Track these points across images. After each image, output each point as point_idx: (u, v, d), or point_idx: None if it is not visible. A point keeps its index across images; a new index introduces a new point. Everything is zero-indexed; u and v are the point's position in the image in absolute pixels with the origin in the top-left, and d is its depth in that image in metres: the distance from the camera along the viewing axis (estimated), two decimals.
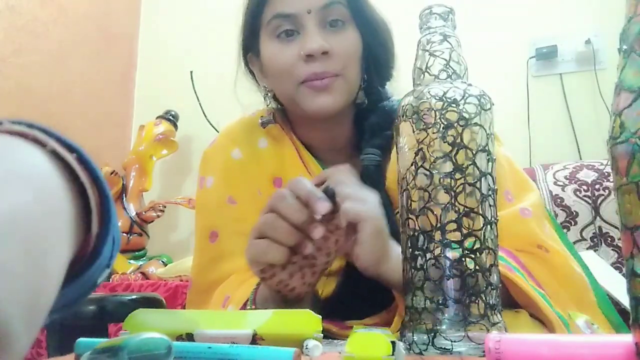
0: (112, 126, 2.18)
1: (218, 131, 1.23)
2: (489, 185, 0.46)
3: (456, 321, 0.42)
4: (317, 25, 0.70)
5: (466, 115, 0.45)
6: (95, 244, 0.27)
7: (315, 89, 0.70)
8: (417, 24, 0.52)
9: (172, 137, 2.04)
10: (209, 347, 0.34)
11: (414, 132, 0.46)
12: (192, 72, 2.08)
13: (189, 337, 0.40)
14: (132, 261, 1.86)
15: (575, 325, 0.60)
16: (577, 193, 1.24)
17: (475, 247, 0.44)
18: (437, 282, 0.43)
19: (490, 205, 0.45)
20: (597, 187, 1.23)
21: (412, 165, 0.46)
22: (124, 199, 1.94)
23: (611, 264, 1.13)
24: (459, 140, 0.44)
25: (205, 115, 2.02)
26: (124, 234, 1.87)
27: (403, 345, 0.37)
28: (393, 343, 0.33)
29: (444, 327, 0.42)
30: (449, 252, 0.44)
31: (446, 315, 0.43)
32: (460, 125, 0.44)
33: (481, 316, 0.42)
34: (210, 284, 0.75)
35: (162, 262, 1.85)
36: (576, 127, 1.72)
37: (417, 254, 0.45)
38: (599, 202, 1.22)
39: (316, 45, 0.68)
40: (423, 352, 0.42)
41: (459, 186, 0.44)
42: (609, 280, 0.87)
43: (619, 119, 0.29)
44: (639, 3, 0.29)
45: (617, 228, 1.16)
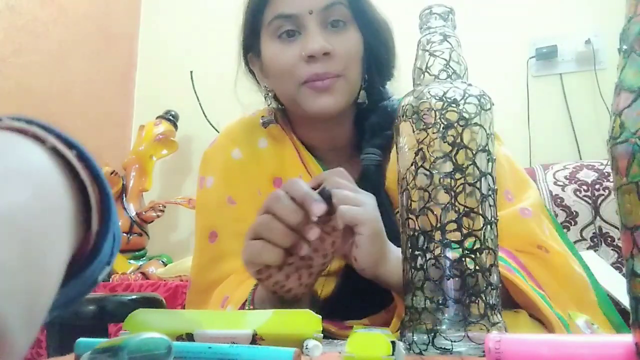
0: (112, 126, 2.18)
1: (218, 131, 1.23)
2: (489, 185, 0.46)
3: (456, 321, 0.42)
4: (318, 26, 0.70)
5: (466, 115, 0.45)
6: (95, 242, 0.27)
7: (316, 89, 0.70)
8: (417, 24, 0.52)
9: (172, 137, 2.04)
10: (209, 347, 0.34)
11: (414, 132, 0.46)
12: (192, 72, 2.08)
13: (189, 337, 0.40)
14: (132, 261, 1.86)
15: (575, 325, 0.60)
16: (577, 193, 1.24)
17: (475, 247, 0.44)
18: (437, 282, 0.43)
19: (490, 205, 0.45)
20: (597, 187, 1.23)
21: (412, 165, 0.46)
22: (124, 199, 1.94)
23: (611, 264, 1.13)
24: (459, 140, 0.44)
25: (205, 115, 2.02)
26: (124, 234, 1.87)
27: (403, 345, 0.37)
28: (393, 343, 0.33)
29: (444, 327, 0.42)
30: (449, 252, 0.44)
31: (446, 315, 0.43)
32: (460, 125, 0.44)
33: (481, 316, 0.42)
34: (210, 284, 0.75)
35: (162, 262, 1.85)
36: (576, 127, 1.72)
37: (417, 254, 0.45)
38: (599, 202, 1.22)
39: (318, 45, 0.68)
40: (423, 352, 0.42)
41: (459, 186, 0.44)
42: (609, 280, 0.87)
43: (619, 119, 0.29)
44: (639, 3, 0.29)
45: (617, 228, 1.16)
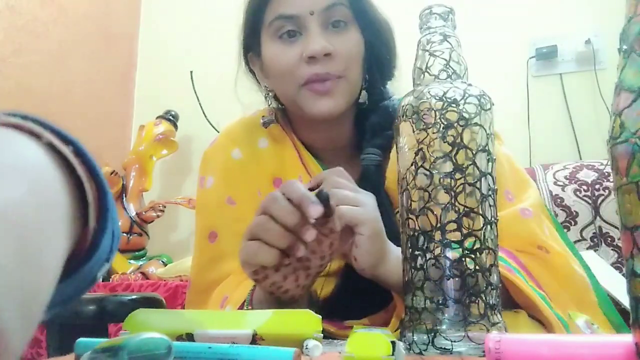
0: (112, 126, 2.18)
1: (218, 131, 1.23)
2: (489, 185, 0.46)
3: (456, 321, 0.42)
4: (319, 27, 0.70)
5: (466, 115, 0.45)
6: (93, 238, 0.27)
7: (317, 93, 0.70)
8: (417, 24, 0.52)
9: (172, 137, 2.04)
10: (209, 347, 0.34)
11: (414, 132, 0.46)
12: (192, 72, 2.08)
13: (189, 337, 0.40)
14: (132, 261, 1.86)
15: (575, 325, 0.60)
16: (577, 193, 1.24)
17: (475, 247, 0.44)
18: (437, 282, 0.43)
19: (490, 205, 0.45)
20: (597, 187, 1.23)
21: (412, 165, 0.46)
22: (124, 199, 1.94)
23: (611, 264, 1.13)
24: (459, 140, 0.44)
25: (205, 115, 2.02)
26: (124, 234, 1.87)
27: (403, 345, 0.37)
28: (393, 343, 0.33)
29: (444, 327, 0.42)
30: (449, 252, 0.44)
31: (446, 315, 0.43)
32: (460, 125, 0.44)
33: (481, 316, 0.42)
34: (210, 284, 0.75)
35: (162, 262, 1.85)
36: (576, 127, 1.72)
37: (417, 254, 0.45)
38: (599, 202, 1.22)
39: (319, 46, 0.68)
40: (423, 352, 0.42)
41: (459, 186, 0.44)
42: (609, 280, 0.87)
43: (619, 119, 0.29)
44: (639, 3, 0.29)
45: (617, 228, 1.16)
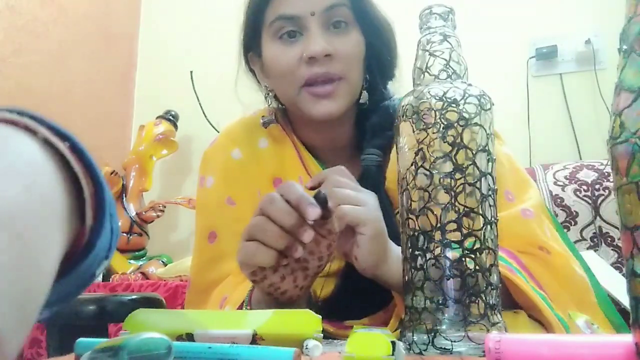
0: (112, 126, 2.18)
1: (218, 131, 1.23)
2: (489, 185, 0.46)
3: (456, 321, 0.42)
4: (320, 27, 0.69)
5: (466, 115, 0.45)
6: (90, 235, 0.26)
7: (317, 95, 0.69)
8: (417, 24, 0.52)
9: (172, 137, 2.04)
10: (209, 347, 0.34)
11: (414, 132, 0.46)
12: (192, 72, 2.08)
13: (189, 337, 0.40)
14: (132, 261, 1.86)
15: (575, 326, 0.60)
16: (577, 193, 1.24)
17: (475, 247, 0.44)
18: (437, 282, 0.43)
19: (490, 205, 0.45)
20: (597, 187, 1.23)
21: (412, 165, 0.46)
22: (124, 199, 1.94)
23: (611, 264, 1.13)
24: (459, 140, 0.44)
25: (205, 115, 2.02)
26: (124, 234, 1.87)
27: (403, 345, 0.37)
28: (393, 343, 0.33)
29: (444, 327, 0.42)
30: (449, 252, 0.44)
31: (446, 315, 0.43)
32: (460, 125, 0.44)
33: (481, 316, 0.42)
34: (209, 284, 0.75)
35: (162, 262, 1.85)
36: (576, 127, 1.72)
37: (417, 254, 0.45)
38: (599, 202, 1.22)
39: (319, 47, 0.68)
40: (423, 352, 0.42)
41: (459, 186, 0.44)
42: (609, 280, 0.87)
43: (619, 119, 0.29)
44: (639, 3, 0.29)
45: (617, 228, 1.16)
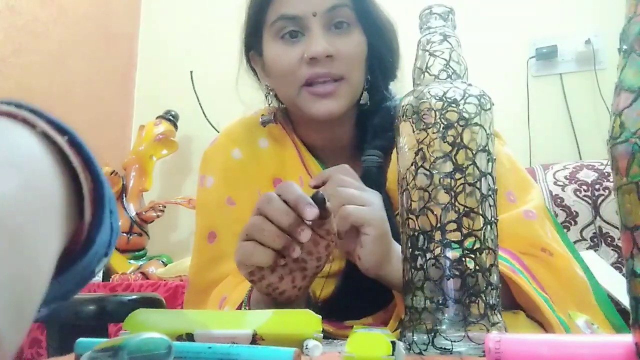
0: (112, 126, 2.18)
1: (218, 131, 1.22)
2: (489, 185, 0.46)
3: (456, 321, 0.42)
4: (321, 28, 0.69)
5: (466, 115, 0.45)
6: (89, 231, 0.26)
7: (317, 94, 0.69)
8: (417, 24, 0.52)
9: (172, 137, 2.04)
10: (209, 347, 0.34)
11: (414, 132, 0.46)
12: (192, 72, 2.08)
13: (189, 337, 0.40)
14: (132, 261, 1.86)
15: (575, 326, 0.60)
16: (577, 193, 1.24)
17: (475, 247, 0.44)
18: (437, 282, 0.43)
19: (490, 205, 0.45)
20: (597, 187, 1.23)
21: (412, 165, 0.46)
22: (124, 199, 1.94)
23: (611, 264, 1.13)
24: (459, 140, 0.44)
25: (205, 115, 2.02)
26: (124, 234, 1.87)
27: (403, 345, 0.37)
28: (393, 343, 0.33)
29: (444, 327, 0.42)
30: (449, 252, 0.44)
31: (446, 315, 0.43)
32: (460, 125, 0.44)
33: (481, 316, 0.42)
34: (208, 284, 0.75)
35: (162, 262, 1.85)
36: (576, 127, 1.72)
37: (417, 254, 0.45)
38: (599, 202, 1.22)
39: (320, 48, 0.67)
40: (423, 352, 0.42)
41: (459, 186, 0.44)
42: (609, 280, 0.87)
43: (619, 119, 0.29)
44: (639, 3, 0.29)
45: (617, 228, 1.16)
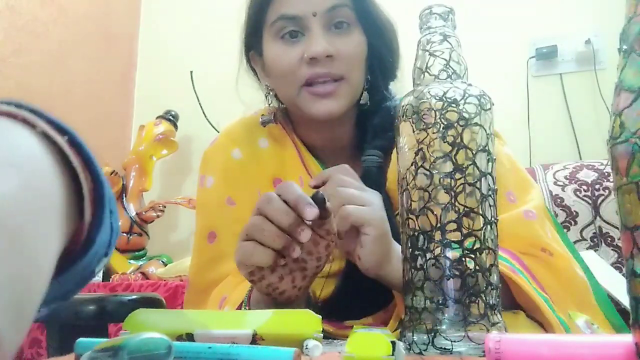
0: (112, 126, 2.18)
1: (218, 131, 1.22)
2: (489, 185, 0.46)
3: (456, 321, 0.42)
4: (321, 28, 0.69)
5: (466, 115, 0.45)
6: (89, 231, 0.26)
7: (317, 94, 0.69)
8: (417, 24, 0.52)
9: (172, 137, 2.04)
10: (209, 347, 0.34)
11: (414, 132, 0.46)
12: (192, 72, 2.08)
13: (189, 337, 0.40)
14: (132, 261, 1.86)
15: (575, 326, 0.60)
16: (577, 193, 1.24)
17: (475, 247, 0.44)
18: (437, 282, 0.43)
19: (490, 205, 0.45)
20: (597, 187, 1.23)
21: (412, 165, 0.46)
22: (124, 199, 1.94)
23: (611, 264, 1.13)
24: (459, 140, 0.44)
25: (205, 115, 2.02)
26: (124, 234, 1.87)
27: (403, 345, 0.37)
28: (393, 343, 0.33)
29: (444, 327, 0.42)
30: (449, 252, 0.44)
31: (446, 315, 0.43)
32: (460, 125, 0.44)
33: (481, 316, 0.42)
34: (209, 284, 0.75)
35: (162, 262, 1.85)
36: (576, 127, 1.72)
37: (417, 254, 0.45)
38: (599, 202, 1.22)
39: (320, 48, 0.67)
40: (423, 352, 0.42)
41: (459, 186, 0.44)
42: (609, 280, 0.87)
43: (619, 119, 0.29)
44: (639, 3, 0.29)
45: (617, 228, 1.16)
